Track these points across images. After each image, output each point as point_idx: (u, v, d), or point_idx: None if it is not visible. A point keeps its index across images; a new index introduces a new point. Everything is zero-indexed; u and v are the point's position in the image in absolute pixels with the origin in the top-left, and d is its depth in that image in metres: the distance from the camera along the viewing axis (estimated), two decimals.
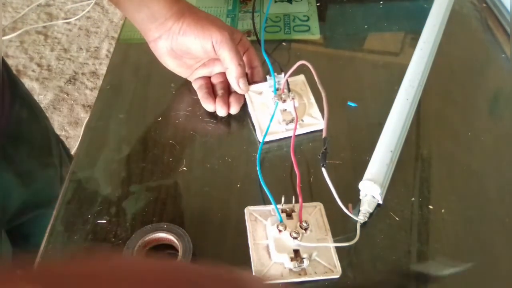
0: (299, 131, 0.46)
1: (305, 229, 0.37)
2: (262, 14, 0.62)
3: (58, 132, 1.49)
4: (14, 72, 0.61)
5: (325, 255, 0.37)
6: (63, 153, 0.66)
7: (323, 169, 0.40)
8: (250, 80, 0.51)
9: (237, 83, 0.47)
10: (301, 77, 0.51)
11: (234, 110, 0.48)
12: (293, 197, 0.39)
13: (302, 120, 0.47)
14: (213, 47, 0.46)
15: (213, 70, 0.51)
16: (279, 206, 0.39)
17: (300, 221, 0.38)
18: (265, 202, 0.41)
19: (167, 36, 0.47)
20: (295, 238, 0.36)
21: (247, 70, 0.50)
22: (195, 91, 0.51)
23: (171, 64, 0.50)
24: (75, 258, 0.28)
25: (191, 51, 0.48)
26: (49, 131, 0.64)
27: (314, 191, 0.42)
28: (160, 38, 0.47)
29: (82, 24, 1.92)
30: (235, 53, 0.46)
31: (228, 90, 0.50)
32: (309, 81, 0.50)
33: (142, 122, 0.49)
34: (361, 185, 0.41)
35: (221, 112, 0.48)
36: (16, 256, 0.61)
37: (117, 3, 0.47)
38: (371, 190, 0.40)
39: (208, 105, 0.49)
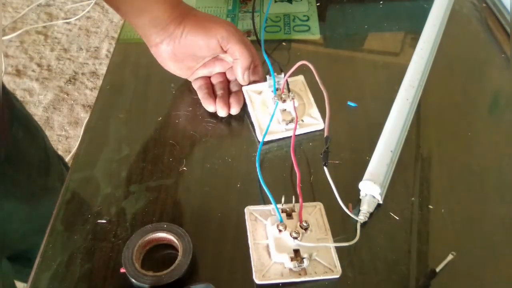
0: (299, 131, 0.46)
1: (305, 229, 0.37)
2: (262, 14, 0.62)
3: (58, 132, 1.50)
4: (14, 72, 0.60)
5: (325, 255, 0.37)
6: (64, 172, 0.65)
7: (325, 168, 0.40)
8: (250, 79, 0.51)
9: (242, 75, 0.48)
10: (301, 78, 0.51)
11: (235, 111, 0.49)
12: (293, 197, 0.39)
13: (302, 120, 0.47)
14: (219, 45, 0.46)
15: (213, 70, 0.51)
16: (279, 206, 0.39)
17: (300, 221, 0.38)
18: (265, 202, 0.41)
19: (169, 41, 0.47)
20: (295, 238, 0.36)
21: None
22: (195, 91, 0.51)
23: (172, 67, 0.50)
24: None
25: (195, 53, 0.48)
26: (47, 150, 0.63)
27: (314, 191, 0.42)
28: (162, 43, 0.47)
29: (82, 24, 1.92)
30: (244, 45, 0.46)
31: (227, 90, 0.50)
32: (308, 82, 0.50)
33: (142, 122, 0.49)
34: (361, 185, 0.41)
35: (222, 113, 0.48)
36: (20, 276, 0.60)
37: (117, 7, 0.46)
38: (371, 190, 0.40)
39: (208, 106, 0.49)
